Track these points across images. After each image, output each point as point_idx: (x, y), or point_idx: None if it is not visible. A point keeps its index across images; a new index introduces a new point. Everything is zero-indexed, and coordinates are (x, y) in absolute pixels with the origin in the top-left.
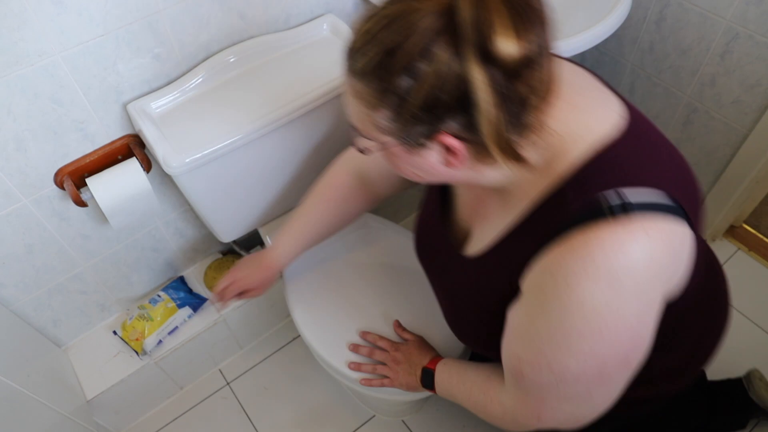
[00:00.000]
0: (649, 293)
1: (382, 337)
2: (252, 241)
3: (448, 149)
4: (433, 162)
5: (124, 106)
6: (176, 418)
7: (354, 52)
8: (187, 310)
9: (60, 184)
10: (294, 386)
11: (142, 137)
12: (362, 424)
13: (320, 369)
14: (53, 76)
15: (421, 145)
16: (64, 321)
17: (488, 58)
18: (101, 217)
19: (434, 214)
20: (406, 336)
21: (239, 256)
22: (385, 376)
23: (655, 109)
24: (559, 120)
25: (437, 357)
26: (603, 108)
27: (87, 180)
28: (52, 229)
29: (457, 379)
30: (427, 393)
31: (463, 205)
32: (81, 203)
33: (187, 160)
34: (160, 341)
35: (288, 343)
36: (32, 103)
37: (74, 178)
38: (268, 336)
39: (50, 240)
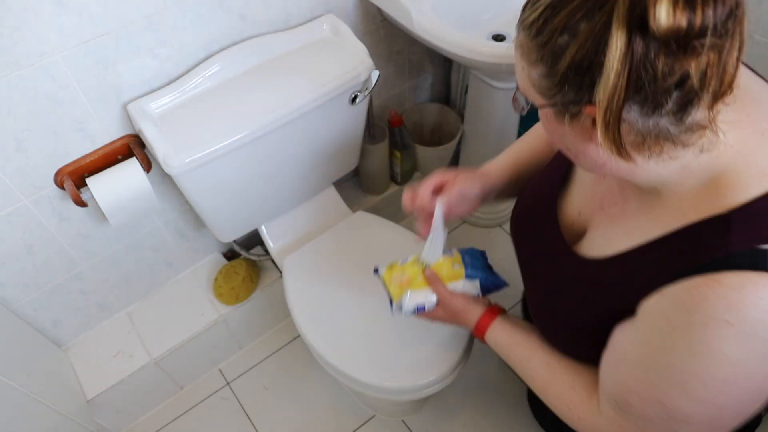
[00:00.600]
0: None
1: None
2: (252, 241)
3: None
4: (583, 134)
5: (124, 106)
6: (176, 418)
7: (528, 5)
8: (475, 286)
9: (60, 183)
10: (294, 386)
11: (142, 137)
12: (362, 424)
13: (320, 369)
14: (53, 76)
15: (570, 114)
16: (64, 321)
17: (637, 23)
18: (101, 217)
19: (548, 197)
20: (436, 290)
21: (244, 259)
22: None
23: None
24: (737, 140)
25: (481, 320)
26: None
27: (87, 180)
28: (52, 229)
29: (517, 360)
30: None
31: (585, 196)
32: (81, 203)
33: (187, 160)
34: (419, 309)
35: (288, 343)
36: (32, 103)
37: (74, 178)
38: (268, 336)
39: (50, 240)
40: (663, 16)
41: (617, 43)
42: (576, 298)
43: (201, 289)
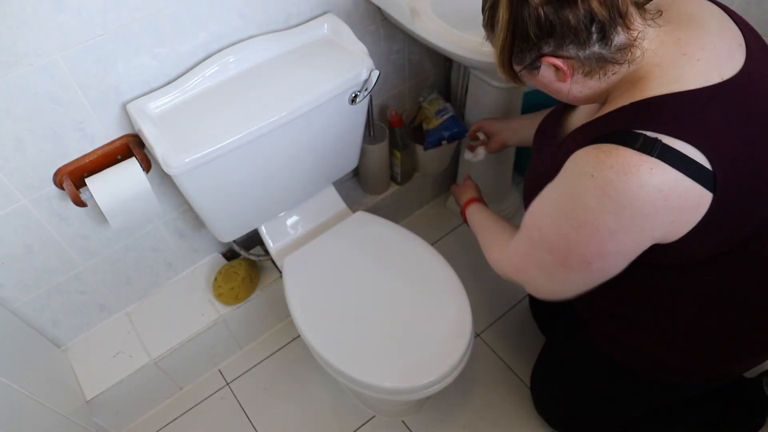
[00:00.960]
0: (629, 219)
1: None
2: (252, 241)
3: (557, 68)
4: (551, 78)
5: (124, 105)
6: (176, 419)
7: (482, 12)
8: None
9: (59, 184)
10: (294, 386)
11: (141, 137)
12: (362, 424)
13: (320, 369)
14: (53, 75)
15: (537, 68)
16: (63, 321)
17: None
18: (101, 217)
19: (555, 115)
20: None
21: (244, 259)
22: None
23: None
24: (655, 50)
25: (470, 200)
26: (708, 61)
27: (86, 180)
28: (51, 229)
29: (478, 224)
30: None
31: (574, 117)
32: (80, 203)
33: (187, 160)
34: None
35: (288, 344)
36: (31, 103)
37: (73, 178)
38: (267, 336)
39: (49, 240)
40: None
41: (503, 13)
42: (545, 172)
43: (200, 289)
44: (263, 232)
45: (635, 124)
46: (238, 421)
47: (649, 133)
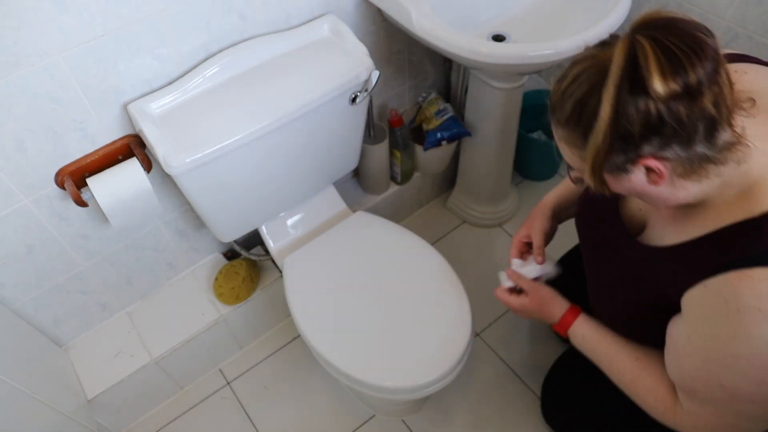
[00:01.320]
0: None
1: (497, 294)
2: (252, 241)
3: (650, 170)
4: (641, 182)
5: (125, 106)
6: (176, 418)
7: (555, 106)
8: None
9: (60, 184)
10: (294, 386)
11: (142, 137)
12: (362, 424)
13: (320, 369)
14: (53, 76)
15: (625, 171)
16: (64, 321)
17: (647, 93)
18: (101, 217)
19: (603, 200)
20: (521, 284)
21: (244, 259)
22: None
23: None
24: (761, 148)
25: (566, 315)
26: None
27: (87, 180)
28: (52, 229)
29: (610, 351)
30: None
31: (636, 204)
32: (81, 203)
33: (188, 160)
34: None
35: (288, 343)
36: (32, 103)
37: (75, 178)
38: (268, 336)
39: (50, 240)
40: (658, 87)
41: (605, 108)
42: (633, 282)
43: (201, 289)
44: (264, 231)
45: None
46: (239, 420)
47: None
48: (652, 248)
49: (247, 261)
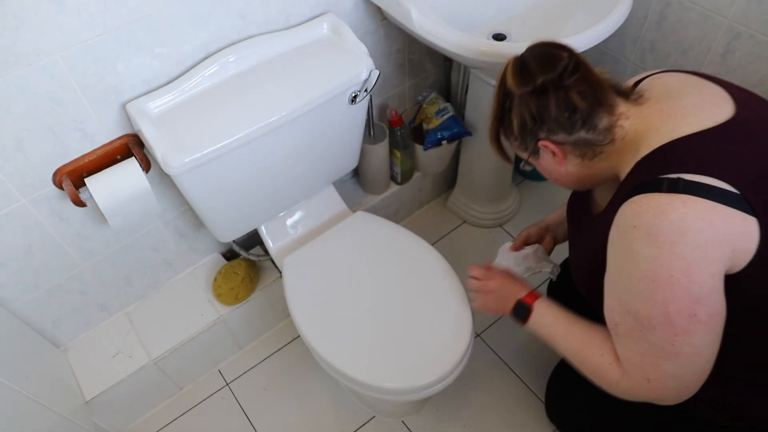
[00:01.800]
0: (689, 253)
1: (475, 267)
2: (251, 241)
3: (552, 152)
4: (550, 162)
5: (123, 105)
6: (175, 419)
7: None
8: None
9: (59, 183)
10: (294, 387)
11: (141, 137)
12: (362, 425)
13: (320, 369)
14: (52, 75)
15: (537, 153)
16: (63, 321)
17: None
18: (100, 217)
19: (581, 198)
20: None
21: (244, 259)
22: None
23: None
24: (641, 122)
25: (534, 292)
26: (696, 115)
27: (86, 180)
28: (51, 229)
29: (563, 331)
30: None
31: (599, 195)
32: (80, 203)
33: (187, 160)
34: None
35: (287, 344)
36: (31, 103)
37: (73, 178)
38: (267, 336)
39: (49, 240)
40: (512, 85)
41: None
42: (589, 249)
43: (200, 289)
44: (263, 232)
45: (653, 173)
46: (238, 421)
47: (669, 176)
48: (595, 215)
49: (246, 261)
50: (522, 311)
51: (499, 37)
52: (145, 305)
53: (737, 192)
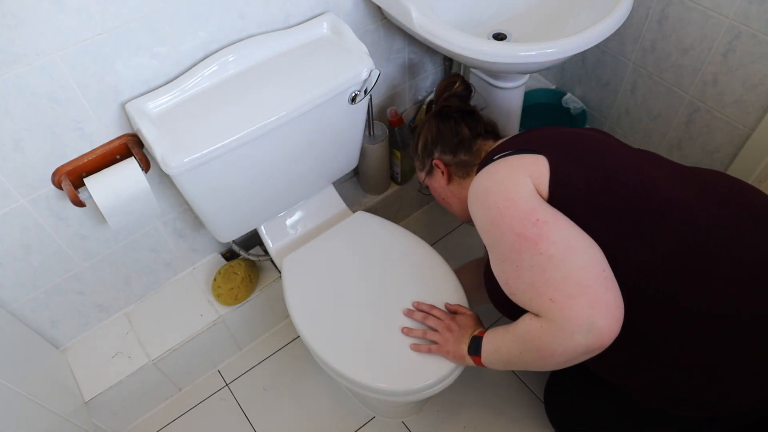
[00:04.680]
0: (498, 187)
1: (435, 307)
2: (251, 241)
3: (441, 171)
4: (441, 183)
5: (123, 105)
6: (175, 420)
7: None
8: None
9: (58, 183)
10: (293, 387)
11: (140, 137)
12: (362, 426)
13: (319, 370)
14: (51, 75)
15: (431, 173)
16: (62, 321)
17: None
18: (99, 217)
19: None
20: (462, 310)
21: (243, 259)
22: (434, 342)
23: (657, 108)
24: (488, 149)
25: (480, 332)
26: (511, 136)
27: (85, 180)
28: (49, 229)
29: (502, 334)
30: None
31: None
32: (79, 203)
33: (186, 160)
34: None
35: (287, 344)
36: (30, 103)
37: (72, 178)
38: (267, 337)
39: (48, 240)
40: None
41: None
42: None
43: (200, 289)
44: (263, 232)
45: (488, 157)
46: (238, 422)
47: (494, 157)
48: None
49: (246, 261)
50: (475, 344)
51: (499, 37)
52: (145, 305)
53: (527, 147)
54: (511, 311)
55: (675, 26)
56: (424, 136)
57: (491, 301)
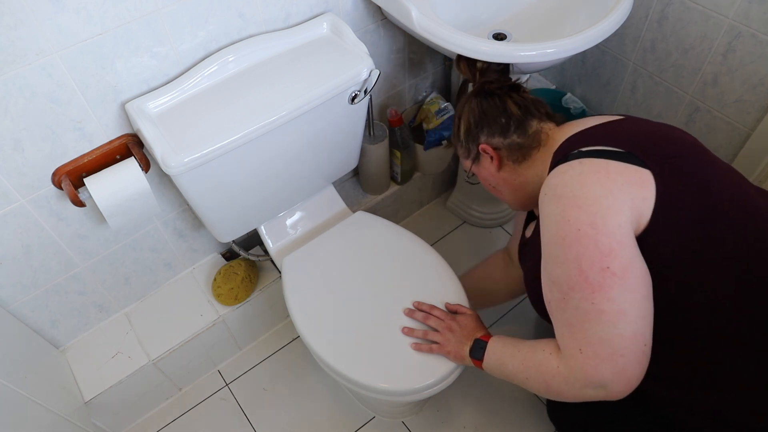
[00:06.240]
0: (591, 205)
1: (435, 307)
2: (251, 241)
3: (490, 156)
4: (488, 167)
5: (123, 105)
6: (175, 420)
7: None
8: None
9: (58, 183)
10: (293, 387)
11: (140, 137)
12: (362, 426)
13: (320, 370)
14: (51, 75)
15: (477, 158)
16: (62, 321)
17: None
18: (99, 217)
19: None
20: (463, 310)
21: (243, 259)
22: (435, 342)
23: (657, 108)
24: (558, 131)
25: (489, 333)
26: (586, 123)
27: (85, 180)
28: (49, 229)
29: (512, 350)
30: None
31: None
32: (79, 203)
33: (186, 160)
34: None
35: (287, 344)
36: (30, 103)
37: (72, 178)
38: (267, 337)
39: (48, 240)
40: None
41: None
42: (532, 261)
43: (200, 289)
44: (263, 232)
45: (557, 159)
46: (238, 422)
47: (571, 153)
48: (526, 239)
49: (246, 261)
50: (478, 348)
51: (499, 37)
52: (145, 306)
53: (627, 151)
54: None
55: (675, 26)
56: (466, 119)
57: (529, 295)
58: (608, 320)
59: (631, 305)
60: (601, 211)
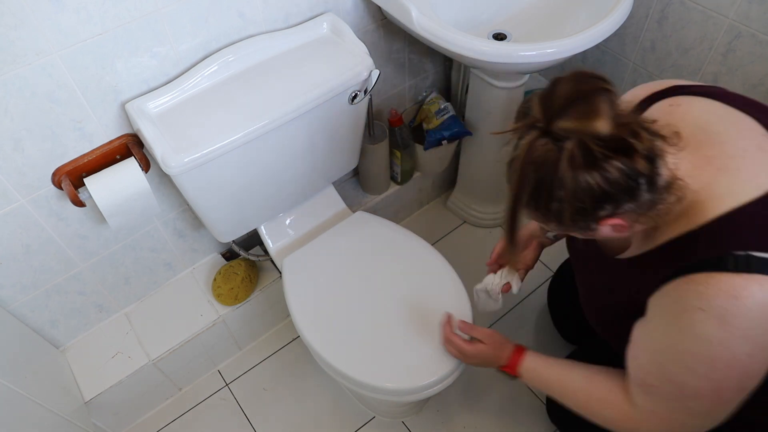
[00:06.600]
0: (761, 336)
1: (449, 339)
2: (251, 242)
3: (614, 225)
4: (607, 234)
5: (123, 105)
6: (175, 420)
7: (511, 182)
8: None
9: (58, 183)
10: (293, 387)
11: (140, 137)
12: (362, 426)
13: (320, 370)
14: (51, 75)
15: (592, 230)
16: (62, 321)
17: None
18: (99, 217)
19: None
20: (475, 334)
21: (243, 259)
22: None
23: None
24: (694, 177)
25: (513, 354)
26: (748, 168)
27: (85, 180)
28: (49, 229)
29: (569, 369)
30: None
31: None
32: (79, 203)
33: (186, 160)
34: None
35: (287, 344)
36: (30, 103)
37: (72, 178)
38: (267, 337)
39: (48, 240)
40: (565, 168)
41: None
42: (609, 290)
43: (200, 289)
44: (263, 232)
45: (716, 249)
46: (238, 422)
47: (736, 253)
48: (620, 261)
49: (246, 261)
50: (508, 376)
51: (499, 37)
52: (145, 306)
53: None
54: (607, 334)
55: (675, 26)
56: (570, 202)
57: (586, 304)
58: (710, 420)
59: (736, 405)
60: (765, 344)
